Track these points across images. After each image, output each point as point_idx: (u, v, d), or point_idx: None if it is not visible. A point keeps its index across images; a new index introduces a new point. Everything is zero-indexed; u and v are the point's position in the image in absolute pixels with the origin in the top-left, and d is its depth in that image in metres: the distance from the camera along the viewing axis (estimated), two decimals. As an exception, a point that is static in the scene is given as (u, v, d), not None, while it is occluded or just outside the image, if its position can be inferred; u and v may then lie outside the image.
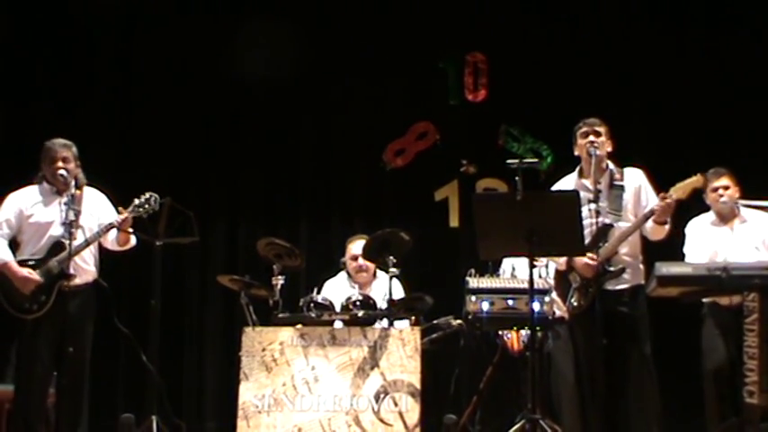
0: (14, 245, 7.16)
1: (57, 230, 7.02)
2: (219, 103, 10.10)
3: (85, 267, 7.14)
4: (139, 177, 9.36)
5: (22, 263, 7.01)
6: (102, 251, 7.38)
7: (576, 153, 6.98)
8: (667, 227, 6.77)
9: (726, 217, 7.54)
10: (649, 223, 6.71)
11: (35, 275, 6.93)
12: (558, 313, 7.08)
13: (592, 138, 6.83)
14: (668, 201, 6.57)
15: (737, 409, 6.54)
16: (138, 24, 10.14)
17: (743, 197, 7.53)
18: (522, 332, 7.91)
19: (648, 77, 9.65)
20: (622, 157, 7.09)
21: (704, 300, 7.34)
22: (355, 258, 8.40)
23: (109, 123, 9.98)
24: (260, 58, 9.76)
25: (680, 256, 7.42)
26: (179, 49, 10.04)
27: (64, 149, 7.14)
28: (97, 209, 7.26)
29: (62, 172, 7.03)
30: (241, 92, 10.11)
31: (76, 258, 6.95)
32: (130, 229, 7.27)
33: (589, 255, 6.60)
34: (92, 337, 7.19)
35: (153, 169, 9.59)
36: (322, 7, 10.14)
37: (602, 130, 6.90)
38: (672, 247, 7.25)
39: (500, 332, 8.04)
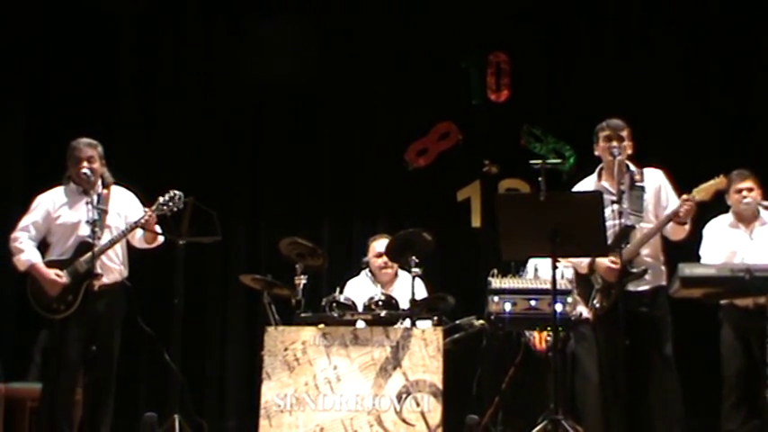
0: (45, 246, 7.21)
1: (84, 230, 7.05)
2: (242, 103, 10.13)
3: (112, 266, 7.17)
4: (162, 177, 9.41)
5: (51, 263, 7.05)
6: (131, 250, 7.41)
7: (597, 153, 6.97)
8: (688, 227, 6.76)
9: (746, 219, 7.53)
10: (670, 224, 6.70)
11: (62, 277, 6.97)
12: (583, 314, 7.05)
13: (615, 143, 6.80)
14: (689, 204, 6.56)
15: (758, 410, 6.55)
16: (163, 25, 10.16)
17: (764, 198, 7.51)
18: (546, 332, 7.90)
19: (670, 77, 9.64)
20: (643, 158, 7.08)
21: (721, 302, 7.32)
22: (379, 255, 8.40)
23: (133, 123, 10.02)
24: (283, 59, 9.77)
25: (698, 258, 7.40)
26: (203, 49, 10.08)
27: (89, 149, 7.17)
28: (125, 208, 7.29)
29: (86, 171, 7.06)
30: (264, 92, 10.13)
31: (103, 257, 7.01)
32: (157, 228, 7.29)
33: (611, 258, 6.59)
34: (120, 336, 7.22)
35: (176, 169, 9.63)
36: (344, 8, 10.14)
37: (624, 134, 6.87)
38: (692, 247, 7.24)
39: (525, 332, 8.04)
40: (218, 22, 10.13)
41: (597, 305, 6.80)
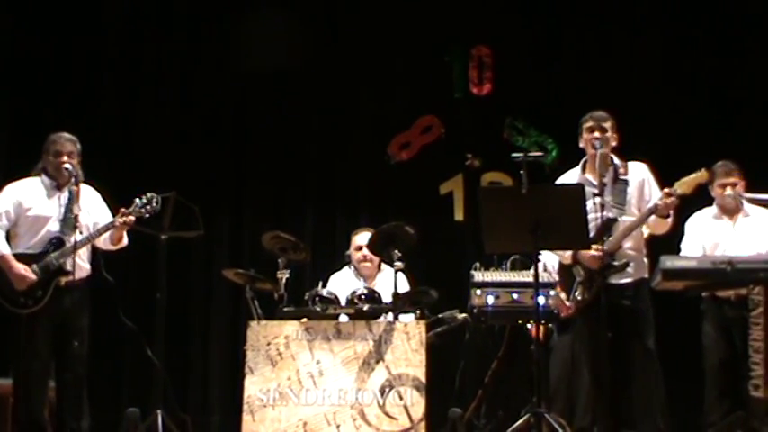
0: (8, 237, 7.12)
1: (54, 226, 7.03)
2: (224, 97, 10.11)
3: (81, 264, 7.10)
4: (144, 171, 9.40)
5: (19, 256, 7.00)
6: (96, 249, 7.37)
7: (581, 146, 6.98)
8: (670, 220, 6.77)
9: (729, 211, 7.54)
10: (652, 217, 6.72)
11: (30, 274, 6.93)
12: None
13: (597, 134, 6.81)
14: (671, 199, 6.58)
15: (741, 402, 6.57)
16: (146, 18, 10.13)
17: (747, 190, 7.53)
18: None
19: (653, 70, 9.65)
20: (627, 150, 7.09)
21: (703, 294, 7.34)
22: (359, 249, 8.41)
23: (114, 116, 9.97)
24: (265, 52, 9.75)
25: (678, 251, 7.42)
26: (184, 42, 10.05)
27: (70, 144, 7.14)
28: (92, 207, 7.26)
29: (68, 166, 7.02)
30: (246, 85, 10.12)
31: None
32: (124, 237, 7.25)
33: (595, 247, 6.60)
34: (87, 330, 7.18)
35: (158, 162, 9.61)
36: (326, 3, 10.12)
37: (607, 125, 6.88)
38: (675, 240, 7.26)
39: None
40: (202, 15, 10.09)
41: (579, 297, 6.82)
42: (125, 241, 7.36)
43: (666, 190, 6.62)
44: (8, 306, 6.97)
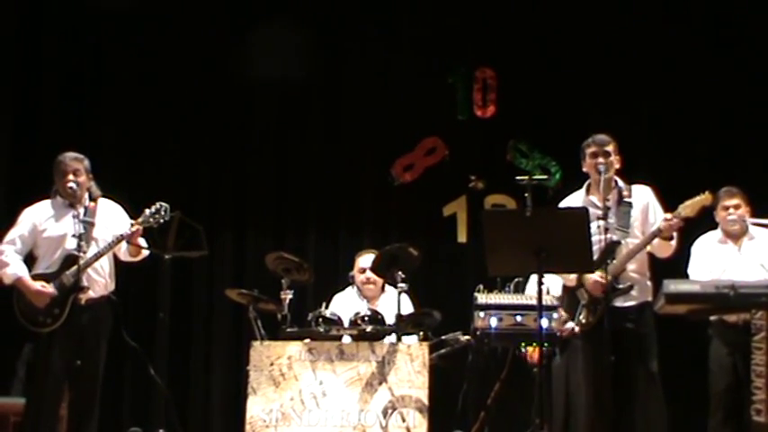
0: (32, 259, 7.18)
1: (71, 244, 7.02)
2: (228, 117, 10.12)
3: (98, 280, 7.12)
4: (148, 190, 9.39)
5: (37, 277, 7.03)
6: (118, 264, 7.38)
7: (585, 170, 6.99)
8: (674, 243, 6.78)
9: (734, 236, 7.53)
10: (656, 240, 6.72)
11: (48, 289, 6.95)
12: (574, 328, 7.06)
13: (601, 159, 6.82)
14: (673, 222, 6.59)
15: (744, 428, 6.55)
16: (149, 35, 10.14)
17: (753, 215, 7.53)
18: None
19: (657, 93, 9.66)
20: (631, 173, 7.10)
21: (711, 318, 7.33)
22: (363, 271, 8.42)
23: (118, 136, 10.00)
24: (269, 73, 9.78)
25: (685, 274, 7.41)
26: (188, 62, 10.06)
27: (75, 162, 7.16)
28: (112, 221, 7.25)
29: (71, 185, 7.04)
30: (250, 106, 10.15)
31: (90, 271, 6.97)
32: (141, 240, 7.26)
33: (599, 273, 6.61)
34: (105, 351, 7.17)
35: (162, 183, 9.63)
36: (331, 22, 10.15)
37: (610, 149, 6.88)
38: (679, 264, 7.26)
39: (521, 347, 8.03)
40: (207, 33, 10.11)
41: (583, 320, 6.81)
42: (145, 252, 7.37)
43: (667, 215, 6.64)
44: (28, 326, 6.99)
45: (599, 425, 6.72)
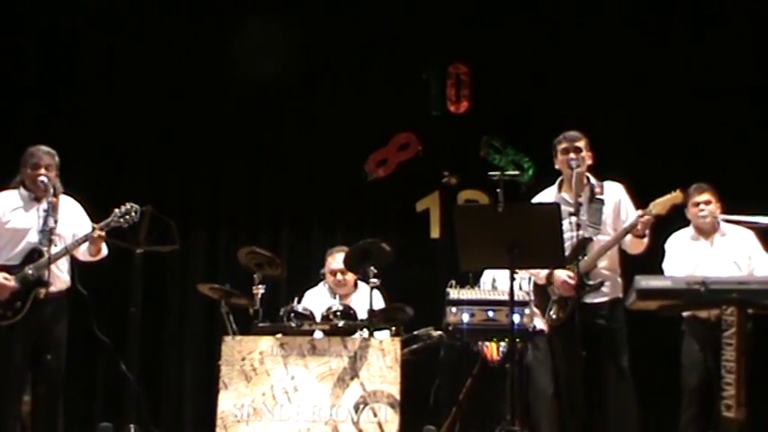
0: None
1: (33, 237, 6.98)
2: (202, 112, 10.08)
3: (60, 276, 7.08)
4: (120, 184, 9.40)
5: None
6: (76, 260, 7.34)
7: (557, 167, 7.00)
8: (646, 240, 6.82)
9: (706, 232, 7.56)
10: (628, 237, 6.75)
11: (10, 282, 6.89)
12: (538, 326, 7.09)
13: (572, 155, 6.85)
14: (646, 218, 6.62)
15: (715, 423, 6.57)
16: (123, 30, 10.11)
17: (725, 211, 7.55)
18: (501, 343, 7.91)
19: (631, 90, 9.67)
20: (603, 169, 7.12)
21: (684, 314, 7.36)
22: (334, 273, 8.40)
23: (90, 129, 9.94)
24: (242, 68, 9.78)
25: (658, 270, 7.43)
26: (161, 57, 10.03)
27: (47, 157, 7.11)
28: (72, 218, 7.20)
29: (43, 179, 6.99)
30: (223, 100, 10.13)
31: (52, 266, 6.91)
32: (104, 246, 7.19)
33: (568, 273, 6.63)
34: (66, 344, 7.13)
35: (134, 176, 9.62)
36: (305, 18, 10.12)
37: (581, 144, 6.92)
38: (650, 260, 7.27)
39: (479, 342, 8.05)
40: (181, 28, 10.08)
41: (554, 316, 6.83)
42: (104, 252, 7.31)
43: (640, 212, 6.67)
44: None
45: (569, 421, 6.74)
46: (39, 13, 9.99)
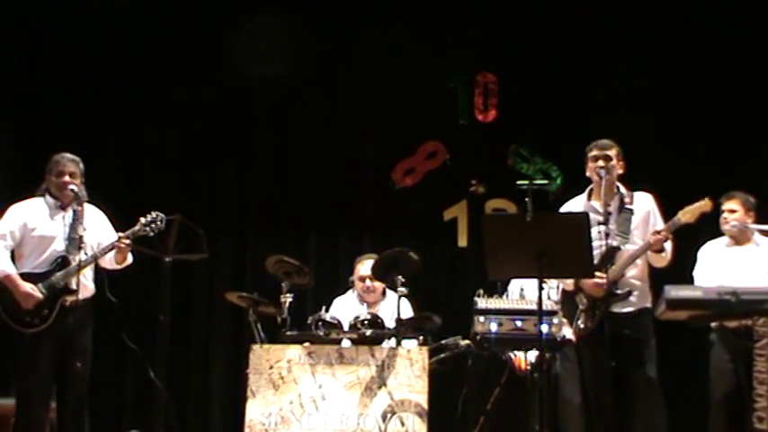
0: (13, 257, 7.11)
1: (60, 245, 7.02)
2: (230, 120, 10.11)
3: (85, 283, 7.10)
4: (148, 193, 9.42)
5: (25, 276, 6.98)
6: (102, 269, 7.37)
7: (588, 174, 6.99)
8: (666, 255, 6.83)
9: (739, 241, 7.52)
10: (649, 251, 6.75)
11: (37, 292, 6.91)
12: (567, 335, 7.06)
13: (601, 163, 6.85)
14: (661, 235, 6.63)
15: (745, 434, 6.53)
16: (149, 38, 10.14)
17: (758, 220, 7.51)
18: (529, 352, 7.88)
19: (660, 98, 9.62)
20: (632, 177, 7.11)
21: (712, 324, 7.32)
22: (363, 279, 8.42)
23: (119, 139, 10.00)
24: (270, 77, 9.79)
25: (687, 280, 7.40)
26: (187, 64, 10.05)
27: (71, 164, 7.14)
28: (96, 226, 7.23)
29: (73, 187, 7.02)
30: (250, 110, 10.15)
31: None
32: (129, 257, 7.21)
33: (598, 274, 6.60)
34: (91, 351, 7.15)
35: (162, 185, 9.64)
36: (332, 25, 10.15)
37: (612, 153, 6.91)
38: (679, 270, 7.24)
39: (507, 352, 8.02)
40: (206, 36, 10.10)
41: (582, 326, 6.81)
42: (129, 260, 7.32)
43: (654, 231, 6.70)
44: (14, 325, 6.93)
45: (597, 430, 6.71)
46: (59, 19, 10.04)
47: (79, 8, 9.95)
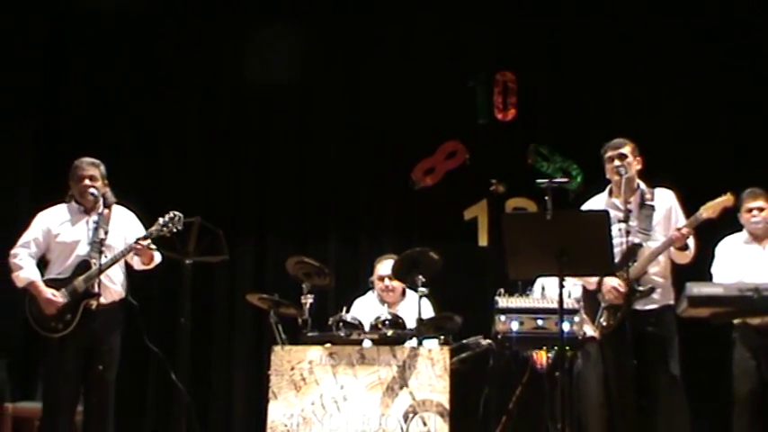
0: (43, 263, 7.17)
1: (83, 250, 7.04)
2: (249, 121, 10.14)
3: (111, 287, 7.11)
4: (169, 195, 9.42)
5: (50, 282, 7.02)
6: (130, 270, 7.39)
7: (608, 176, 7.00)
8: (689, 252, 6.82)
9: (759, 237, 7.48)
10: (671, 248, 6.72)
11: (59, 297, 6.93)
12: (588, 333, 7.03)
13: (617, 162, 6.86)
14: (684, 231, 6.61)
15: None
16: (169, 41, 10.18)
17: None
18: (551, 351, 7.86)
19: (680, 95, 9.60)
20: (653, 174, 7.08)
21: (735, 321, 7.28)
22: (382, 279, 8.41)
23: (139, 141, 10.04)
24: (290, 77, 9.80)
25: (708, 276, 7.37)
26: (208, 66, 10.09)
27: (91, 168, 7.16)
28: (125, 228, 7.26)
29: (93, 191, 7.05)
30: (271, 111, 10.16)
31: (102, 277, 6.92)
32: (153, 246, 7.21)
33: (618, 281, 6.59)
34: (118, 355, 7.18)
35: (182, 187, 9.66)
36: (350, 26, 10.15)
37: (626, 150, 6.93)
38: (702, 267, 7.22)
39: (528, 351, 8.00)
40: (226, 38, 10.12)
41: (604, 323, 6.80)
42: (158, 259, 7.34)
43: (676, 227, 6.68)
44: (41, 331, 6.98)
45: (621, 429, 6.69)
46: (80, 24, 10.08)
47: (99, 13, 9.97)
